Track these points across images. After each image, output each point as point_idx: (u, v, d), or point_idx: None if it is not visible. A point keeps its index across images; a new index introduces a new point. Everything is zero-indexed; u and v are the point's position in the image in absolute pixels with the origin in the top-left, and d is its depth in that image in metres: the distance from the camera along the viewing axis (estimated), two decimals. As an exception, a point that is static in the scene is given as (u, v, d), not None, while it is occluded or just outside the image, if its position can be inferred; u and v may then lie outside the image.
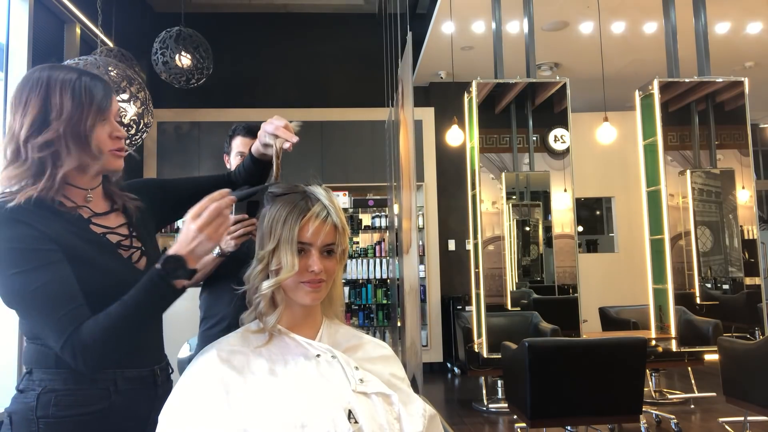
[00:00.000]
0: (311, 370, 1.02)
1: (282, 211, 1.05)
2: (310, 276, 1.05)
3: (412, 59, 3.26)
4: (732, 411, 3.83)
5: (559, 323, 4.25)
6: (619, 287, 6.49)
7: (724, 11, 5.12)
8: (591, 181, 6.83)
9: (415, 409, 1.05)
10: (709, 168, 4.58)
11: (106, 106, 1.15)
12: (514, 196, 4.85)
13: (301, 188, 1.09)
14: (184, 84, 4.59)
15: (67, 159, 1.11)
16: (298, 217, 1.04)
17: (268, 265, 1.06)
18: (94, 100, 1.13)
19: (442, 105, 6.68)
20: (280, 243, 1.04)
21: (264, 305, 1.07)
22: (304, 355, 1.05)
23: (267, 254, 1.05)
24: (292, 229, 1.04)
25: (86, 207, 1.18)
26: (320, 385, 1.00)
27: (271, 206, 1.08)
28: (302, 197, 1.07)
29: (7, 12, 4.53)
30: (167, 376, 1.27)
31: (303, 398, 0.97)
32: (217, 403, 0.94)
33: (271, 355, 1.04)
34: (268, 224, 1.06)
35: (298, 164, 6.54)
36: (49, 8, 4.84)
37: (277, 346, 1.06)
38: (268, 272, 1.06)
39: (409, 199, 3.41)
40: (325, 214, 1.06)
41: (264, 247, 1.06)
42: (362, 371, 1.05)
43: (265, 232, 1.06)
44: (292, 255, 1.04)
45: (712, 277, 4.48)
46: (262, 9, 6.92)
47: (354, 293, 6.54)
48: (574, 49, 5.86)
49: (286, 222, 1.04)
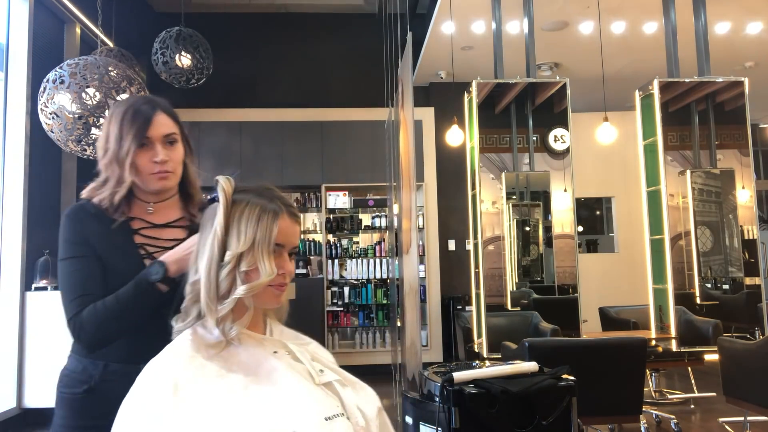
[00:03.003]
0: (287, 368, 0.99)
1: (253, 209, 1.00)
2: (280, 279, 1.01)
3: (412, 59, 3.26)
4: (732, 411, 3.83)
5: (559, 323, 4.24)
6: (619, 287, 6.49)
7: (724, 11, 5.12)
8: (591, 181, 6.83)
9: (366, 393, 1.06)
10: (709, 168, 4.58)
11: (142, 133, 1.28)
12: (514, 196, 4.85)
13: (262, 186, 1.05)
14: (184, 84, 4.59)
15: (121, 180, 1.28)
16: (274, 217, 1.00)
17: (236, 267, 0.98)
18: (132, 128, 1.27)
19: (442, 105, 6.68)
20: (255, 244, 0.98)
21: (228, 311, 0.98)
22: (273, 355, 1.01)
23: (237, 255, 0.97)
24: (269, 229, 0.99)
25: (139, 219, 1.33)
26: (305, 385, 0.98)
27: (235, 203, 1.01)
28: (267, 196, 1.02)
29: (7, 12, 4.53)
30: None
31: (295, 401, 0.94)
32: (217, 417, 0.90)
33: (243, 363, 0.97)
34: (236, 223, 0.99)
35: (299, 164, 6.55)
36: (49, 8, 4.84)
37: (244, 352, 1.00)
38: (235, 275, 0.98)
39: (409, 199, 3.41)
40: (295, 216, 1.04)
41: (231, 247, 0.98)
42: (318, 363, 1.04)
43: (233, 232, 0.99)
44: (270, 257, 0.99)
45: (712, 277, 4.48)
46: (261, 9, 6.92)
47: (354, 293, 6.54)
48: (574, 49, 5.86)
49: (260, 221, 0.99)
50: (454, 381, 1.84)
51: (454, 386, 1.83)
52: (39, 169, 4.69)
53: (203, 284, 0.98)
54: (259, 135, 6.52)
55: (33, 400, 4.32)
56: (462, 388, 1.83)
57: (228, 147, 6.45)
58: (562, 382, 1.89)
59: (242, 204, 1.00)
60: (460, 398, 1.81)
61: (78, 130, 2.86)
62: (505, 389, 1.78)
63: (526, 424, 1.80)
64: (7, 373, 4.32)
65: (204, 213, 1.06)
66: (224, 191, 1.01)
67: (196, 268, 1.02)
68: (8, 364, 4.33)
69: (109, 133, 1.29)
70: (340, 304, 6.50)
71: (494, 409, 1.79)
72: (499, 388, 1.79)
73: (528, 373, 1.92)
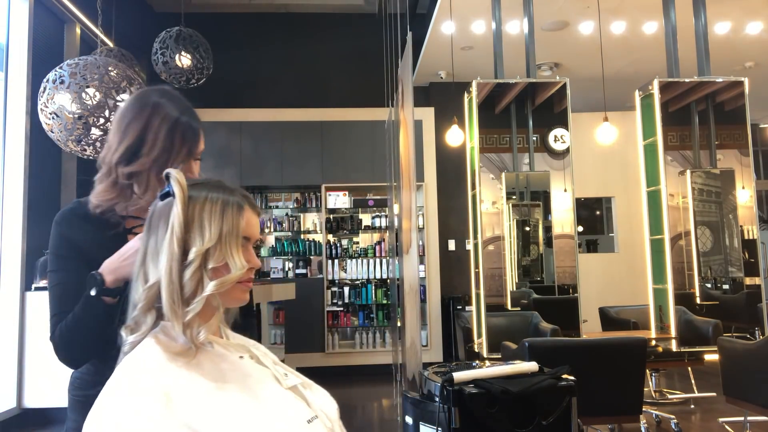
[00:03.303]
0: (259, 373, 0.96)
1: (214, 203, 0.93)
2: (249, 273, 0.95)
3: (412, 59, 3.26)
4: (732, 411, 3.83)
5: (559, 323, 4.24)
6: (619, 287, 6.49)
7: (724, 11, 5.12)
8: (591, 181, 6.83)
9: (324, 395, 1.02)
10: (709, 168, 4.58)
11: (194, 151, 1.22)
12: (514, 196, 4.85)
13: (212, 179, 0.99)
14: (184, 84, 4.59)
15: (148, 189, 1.20)
16: (239, 209, 0.95)
17: (202, 265, 0.90)
18: (184, 145, 1.21)
19: (442, 105, 6.68)
20: (222, 238, 0.91)
21: (195, 314, 0.90)
22: (240, 360, 0.95)
23: (203, 252, 0.90)
24: (236, 221, 0.93)
25: (131, 217, 1.24)
26: (279, 390, 0.95)
27: (192, 199, 0.93)
28: (225, 189, 0.96)
29: (7, 12, 4.53)
30: None
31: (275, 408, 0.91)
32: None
33: (219, 370, 0.90)
34: (197, 218, 0.91)
35: (299, 164, 6.55)
36: (49, 8, 4.84)
37: (215, 358, 0.93)
38: (202, 273, 0.91)
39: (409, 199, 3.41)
40: (256, 207, 0.99)
41: (195, 244, 0.90)
42: (279, 366, 1.00)
43: (194, 228, 0.91)
44: (239, 251, 0.93)
45: (712, 277, 4.47)
46: (262, 9, 6.92)
47: (354, 293, 6.54)
48: (574, 49, 5.86)
49: (225, 215, 0.93)
50: (454, 381, 1.84)
51: (454, 386, 1.83)
52: (39, 169, 4.69)
53: (164, 288, 0.89)
54: (259, 135, 6.52)
55: (33, 400, 4.32)
56: (462, 388, 1.83)
57: (228, 147, 6.45)
58: (562, 382, 1.89)
59: (200, 198, 0.93)
60: (460, 398, 1.81)
61: (78, 130, 2.86)
62: (506, 389, 1.78)
63: (526, 424, 1.80)
64: (7, 373, 4.32)
65: (153, 211, 0.95)
66: (180, 185, 0.93)
67: (144, 273, 0.92)
68: (8, 364, 4.33)
69: (147, 135, 1.18)
70: (340, 304, 6.50)
71: (494, 409, 1.79)
72: (499, 388, 1.79)
73: (528, 373, 1.92)
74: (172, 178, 0.93)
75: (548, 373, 1.91)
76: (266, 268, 6.79)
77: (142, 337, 0.90)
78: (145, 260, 0.93)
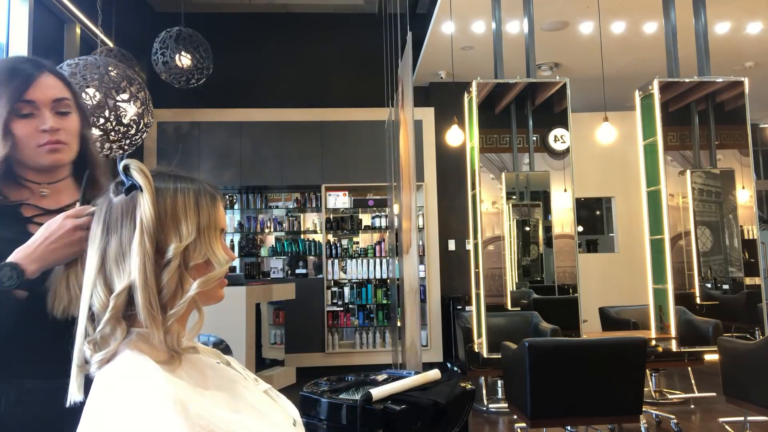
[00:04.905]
0: (241, 378, 0.92)
1: (186, 194, 0.85)
2: (227, 270, 0.89)
3: (412, 59, 3.26)
4: (732, 411, 3.83)
5: (559, 323, 4.24)
6: (619, 287, 6.49)
7: (724, 11, 5.12)
8: (591, 181, 6.83)
9: (286, 400, 0.99)
10: (709, 168, 4.58)
11: (19, 97, 1.07)
12: (514, 196, 4.85)
13: (168, 169, 0.89)
14: (184, 84, 4.59)
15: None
16: (213, 199, 0.87)
17: (182, 262, 0.83)
18: (6, 92, 1.07)
19: (442, 105, 6.68)
20: (201, 232, 0.84)
21: (179, 316, 0.82)
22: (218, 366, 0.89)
23: (182, 249, 0.82)
24: (212, 212, 0.86)
25: (32, 205, 1.11)
26: (261, 394, 0.93)
27: (159, 191, 0.84)
28: (189, 180, 0.88)
29: (7, 12, 4.53)
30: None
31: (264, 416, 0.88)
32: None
33: (211, 378, 0.85)
34: (170, 213, 0.83)
35: (299, 164, 6.55)
36: (49, 8, 4.84)
37: (200, 365, 0.86)
38: (182, 272, 0.83)
39: (409, 199, 3.41)
40: (222, 197, 0.92)
41: (171, 241, 0.82)
42: (247, 372, 0.97)
43: (167, 223, 0.82)
44: (219, 244, 0.86)
45: (712, 277, 4.47)
46: (262, 9, 6.92)
47: (354, 293, 6.54)
48: (574, 49, 5.86)
49: (200, 205, 0.85)
50: (373, 399, 1.66)
51: (373, 405, 1.66)
52: (39, 169, 4.68)
53: (140, 292, 0.78)
54: (259, 135, 6.52)
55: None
56: (386, 406, 1.66)
57: (228, 147, 6.45)
58: (467, 388, 1.85)
59: (170, 190, 0.84)
60: (385, 417, 1.64)
61: (78, 130, 2.85)
62: (435, 401, 1.67)
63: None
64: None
65: (107, 208, 0.84)
66: (147, 177, 0.82)
67: (104, 279, 0.81)
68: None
69: None
70: (340, 304, 6.50)
71: (417, 424, 1.67)
72: (429, 401, 1.67)
73: (435, 381, 1.81)
74: (133, 170, 0.83)
75: (453, 380, 1.83)
76: (266, 268, 6.79)
77: (110, 354, 0.78)
78: (105, 264, 0.82)
